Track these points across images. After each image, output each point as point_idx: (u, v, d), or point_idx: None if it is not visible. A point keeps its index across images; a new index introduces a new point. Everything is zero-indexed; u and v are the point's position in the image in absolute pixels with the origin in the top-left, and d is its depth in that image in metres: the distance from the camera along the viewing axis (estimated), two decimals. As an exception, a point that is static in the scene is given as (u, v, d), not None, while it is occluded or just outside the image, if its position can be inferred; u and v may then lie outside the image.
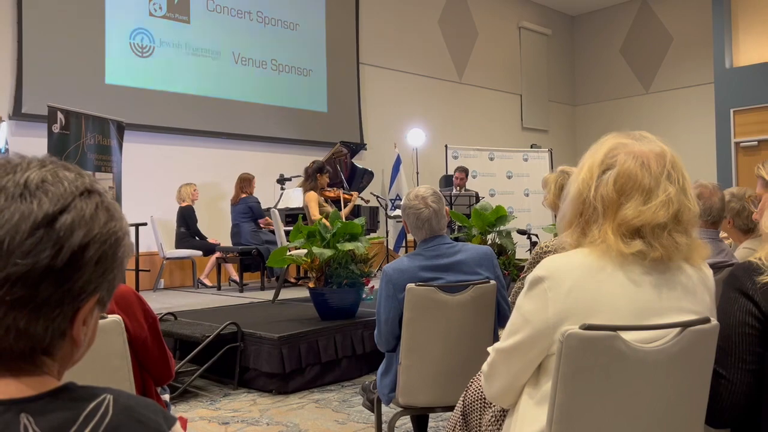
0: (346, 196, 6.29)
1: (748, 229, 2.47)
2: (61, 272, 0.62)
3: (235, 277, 6.49)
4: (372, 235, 6.53)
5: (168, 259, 6.51)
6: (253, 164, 7.38)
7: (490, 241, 4.88)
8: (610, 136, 1.19)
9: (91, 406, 0.61)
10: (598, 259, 1.11)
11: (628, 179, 1.12)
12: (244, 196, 6.49)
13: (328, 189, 6.04)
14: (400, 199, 8.57)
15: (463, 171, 7.37)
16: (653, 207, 1.09)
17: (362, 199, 6.38)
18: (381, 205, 7.64)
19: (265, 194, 7.05)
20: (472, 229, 4.89)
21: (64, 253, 0.62)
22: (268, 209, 6.52)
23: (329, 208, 5.68)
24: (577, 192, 1.16)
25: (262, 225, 6.64)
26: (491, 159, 9.05)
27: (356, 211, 6.84)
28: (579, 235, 1.16)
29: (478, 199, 6.85)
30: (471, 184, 8.03)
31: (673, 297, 1.11)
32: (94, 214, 0.65)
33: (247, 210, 6.45)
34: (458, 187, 7.24)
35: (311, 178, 5.81)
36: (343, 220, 4.05)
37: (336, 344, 3.71)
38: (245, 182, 6.54)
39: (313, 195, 5.69)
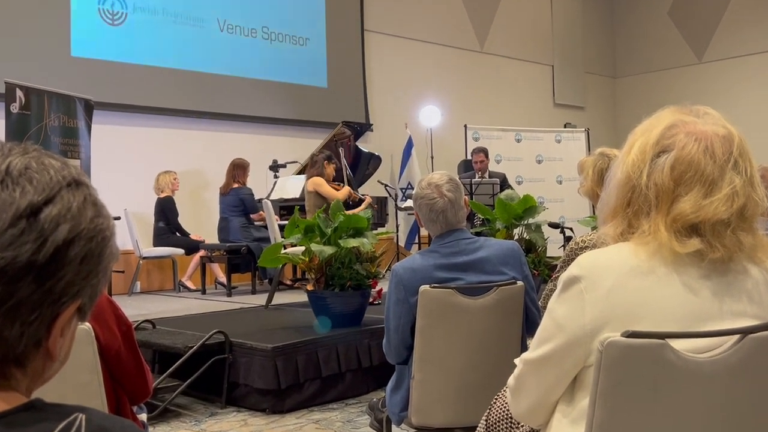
0: (354, 194, 6.29)
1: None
2: (43, 269, 0.63)
3: (223, 279, 6.53)
4: (380, 229, 6.53)
5: (145, 258, 6.55)
6: (242, 148, 7.40)
7: (517, 236, 4.87)
8: (667, 110, 1.16)
9: (61, 426, 0.61)
10: (647, 259, 1.10)
11: (688, 167, 1.10)
12: (236, 186, 6.50)
13: (334, 183, 6.06)
14: (412, 188, 8.56)
15: (482, 152, 7.34)
16: (716, 202, 1.07)
17: (372, 205, 6.38)
18: (390, 196, 7.64)
19: (256, 183, 7.07)
20: (496, 222, 4.88)
21: (48, 248, 0.63)
22: (260, 200, 6.54)
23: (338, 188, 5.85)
24: (625, 177, 1.15)
25: (255, 220, 6.67)
26: (518, 141, 9.02)
27: (360, 202, 6.85)
28: (624, 228, 1.15)
29: (504, 186, 6.82)
30: (495, 170, 8.01)
31: (735, 303, 1.09)
32: (82, 207, 0.66)
33: (238, 202, 6.47)
34: (479, 172, 7.22)
35: (318, 164, 5.87)
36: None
37: (339, 356, 3.71)
38: (239, 169, 6.55)
39: (320, 179, 5.78)
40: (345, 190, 6.03)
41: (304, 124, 8.16)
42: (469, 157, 8.08)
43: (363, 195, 6.43)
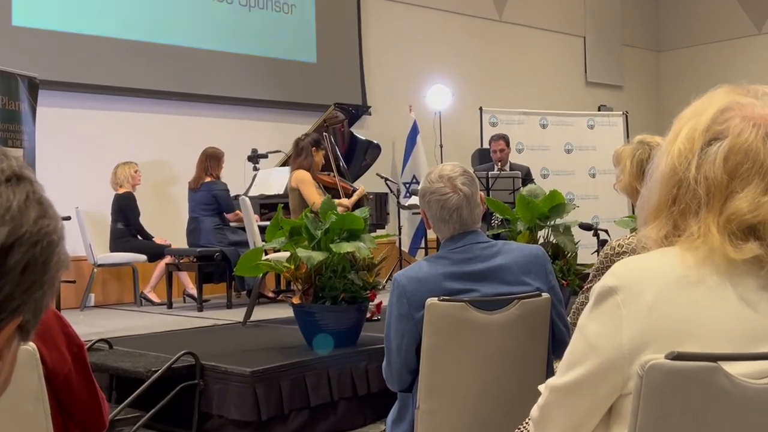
0: (346, 185, 6.28)
1: None
2: None
3: (192, 290, 6.53)
4: (379, 232, 6.53)
5: (100, 266, 6.56)
6: (216, 135, 7.41)
7: (542, 240, 4.87)
8: (720, 90, 1.16)
9: None
10: (695, 267, 1.09)
11: (744, 157, 1.09)
12: (208, 180, 6.51)
13: (323, 173, 6.01)
14: (418, 182, 8.56)
15: (502, 139, 7.34)
16: None
17: (367, 196, 6.37)
18: (391, 191, 7.65)
19: (232, 177, 7.08)
20: (518, 223, 4.88)
21: None
22: (237, 197, 6.55)
23: (321, 196, 5.64)
24: (670, 169, 1.15)
25: (231, 220, 6.67)
26: (543, 126, 9.04)
27: (360, 199, 6.85)
28: (669, 230, 1.15)
29: (528, 181, 6.83)
30: (517, 160, 8.02)
31: None
32: (23, 207, 0.65)
33: (210, 199, 6.48)
34: (498, 163, 7.23)
35: (304, 152, 5.80)
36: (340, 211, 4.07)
37: (330, 382, 3.72)
38: (212, 160, 6.56)
39: (305, 174, 5.68)
40: (335, 201, 5.74)
41: (289, 106, 8.16)
42: (485, 146, 8.09)
43: (354, 185, 6.40)
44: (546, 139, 9.00)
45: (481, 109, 8.75)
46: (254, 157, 7.41)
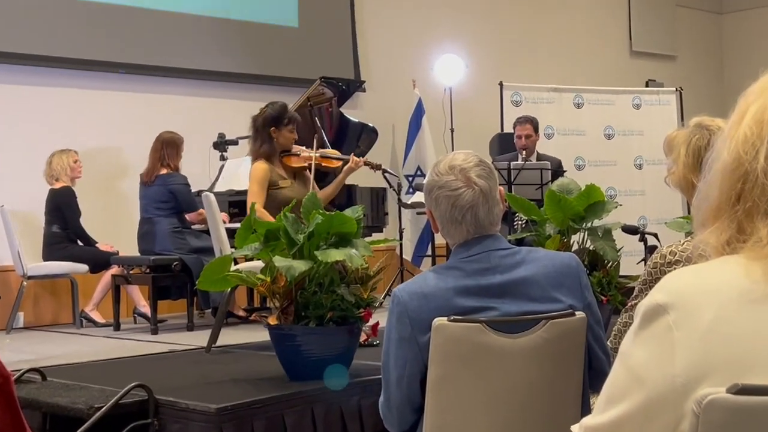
0: (330, 162, 6.16)
1: None
2: None
3: (145, 308, 6.54)
4: (376, 236, 6.52)
5: (31, 278, 6.56)
6: (174, 117, 7.41)
7: (576, 246, 4.87)
8: None
9: None
10: (764, 280, 1.10)
11: None
12: (164, 172, 6.52)
13: (292, 153, 5.80)
14: (423, 175, 8.54)
15: (529, 123, 7.33)
16: None
17: (374, 166, 6.19)
18: (390, 186, 7.64)
19: (195, 167, 7.08)
20: (546, 226, 4.88)
21: None
22: (200, 193, 6.55)
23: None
24: (734, 159, 1.14)
25: (192, 221, 6.67)
26: (578, 106, 9.05)
27: (349, 195, 6.84)
28: (732, 234, 1.15)
29: (558, 174, 6.84)
30: (547, 148, 8.02)
31: None
32: None
33: (167, 196, 6.49)
34: (523, 151, 7.22)
35: (261, 134, 5.66)
36: (330, 203, 4.05)
37: (315, 421, 3.71)
38: (169, 147, 6.57)
39: (260, 168, 5.56)
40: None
41: (264, 81, 8.16)
42: (507, 130, 8.09)
43: (342, 156, 6.16)
44: (581, 122, 9.01)
45: (501, 84, 8.76)
46: (222, 144, 7.40)
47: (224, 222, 6.17)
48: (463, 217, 2.17)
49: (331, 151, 6.35)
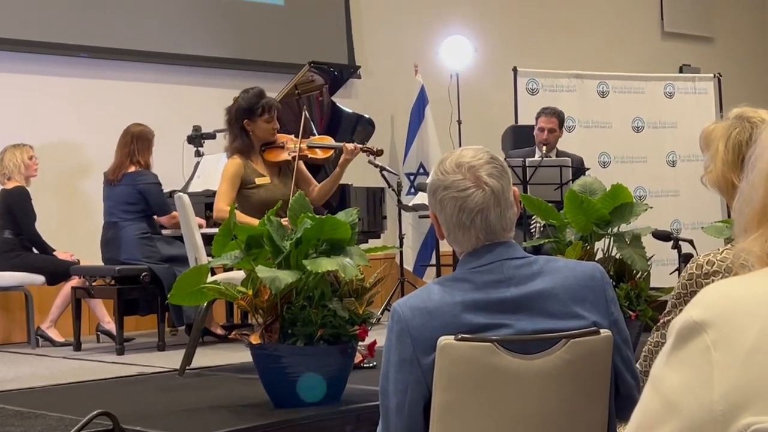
0: (318, 154, 6.05)
1: None
2: None
3: (110, 325, 6.52)
4: (372, 243, 6.52)
5: (-20, 290, 6.55)
6: (143, 108, 7.40)
7: (601, 254, 4.87)
8: None
9: None
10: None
11: None
12: (133, 170, 6.52)
13: (274, 146, 5.75)
14: (427, 173, 8.54)
15: (555, 116, 7.32)
16: None
17: (373, 152, 6.06)
18: (389, 186, 7.64)
19: (167, 164, 7.07)
20: (566, 231, 4.88)
21: None
22: (171, 194, 6.54)
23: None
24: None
25: (164, 226, 6.68)
26: (603, 94, 9.05)
27: (342, 197, 6.84)
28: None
29: (580, 173, 6.84)
30: (568, 144, 8.01)
31: None
32: None
33: (135, 197, 6.48)
34: (543, 147, 7.22)
35: (234, 128, 5.62)
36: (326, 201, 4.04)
37: (304, 454, 3.71)
38: (139, 142, 6.56)
39: (231, 164, 5.53)
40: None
41: (246, 66, 8.16)
42: (522, 122, 8.09)
43: (334, 144, 6.06)
44: (607, 112, 9.00)
45: (515, 70, 8.75)
46: (197, 138, 7.40)
47: (200, 227, 6.16)
48: (472, 221, 2.17)
49: (319, 139, 6.23)
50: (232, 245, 3.90)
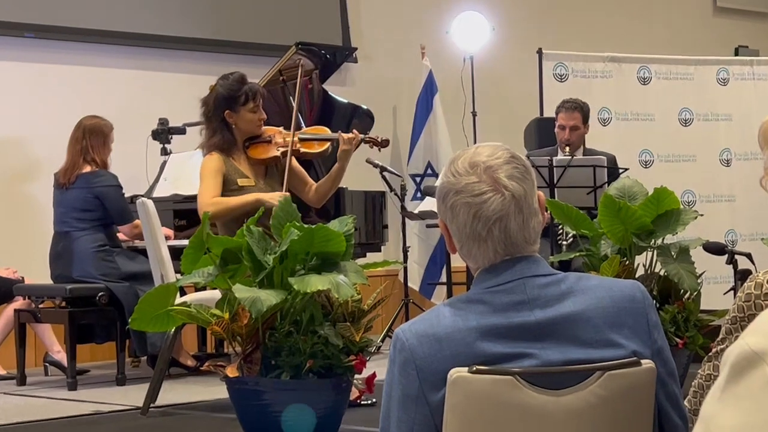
0: (308, 146, 5.93)
1: None
2: None
3: (60, 354, 6.52)
4: (372, 257, 6.51)
5: None
6: (102, 97, 7.40)
7: (642, 271, 4.86)
8: None
9: None
10: None
11: None
12: (88, 170, 6.52)
13: (260, 141, 5.69)
14: (435, 174, 8.54)
15: (577, 109, 7.30)
16: None
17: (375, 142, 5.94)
18: (391, 189, 7.65)
19: (127, 164, 7.07)
20: (601, 242, 4.88)
21: None
22: (134, 200, 6.54)
23: (249, 193, 5.47)
24: None
25: (124, 237, 6.68)
26: (644, 81, 9.04)
27: (336, 202, 6.83)
28: None
29: (614, 174, 6.84)
30: (602, 140, 8.00)
31: None
32: None
33: (91, 202, 6.49)
34: (566, 147, 7.21)
35: (213, 121, 5.58)
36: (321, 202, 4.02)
37: (290, 507, 3.70)
38: (95, 137, 6.57)
39: (211, 159, 5.48)
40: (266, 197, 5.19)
41: (222, 48, 8.17)
42: (549, 114, 8.07)
43: (329, 135, 5.97)
44: (648, 102, 9.00)
45: (540, 52, 8.76)
46: (164, 133, 7.39)
47: (167, 238, 6.17)
48: (489, 232, 2.16)
49: (312, 130, 6.11)
50: (205, 260, 3.90)
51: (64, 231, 6.54)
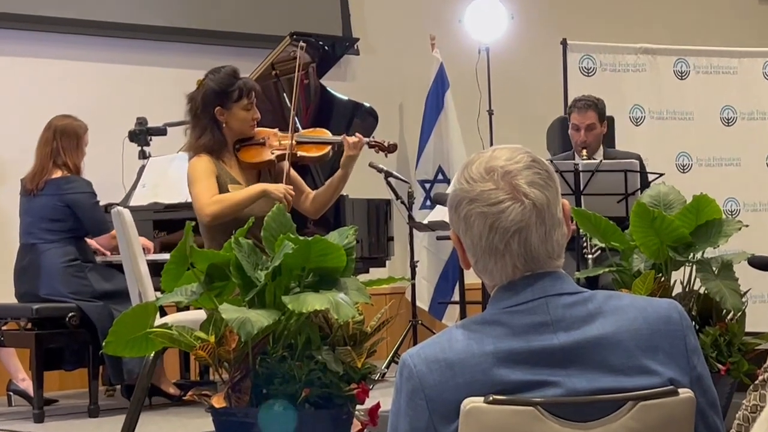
0: (306, 149, 5.89)
1: None
2: None
3: (25, 382, 6.51)
4: (375, 272, 6.50)
5: None
6: (73, 94, 7.41)
7: (679, 288, 4.86)
8: None
9: None
10: None
11: None
12: (58, 175, 6.54)
13: (253, 143, 5.67)
14: (447, 180, 8.55)
15: (591, 107, 7.27)
16: None
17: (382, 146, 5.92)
18: (397, 197, 7.65)
19: (102, 169, 7.08)
20: (633, 257, 4.88)
21: None
22: (109, 209, 6.54)
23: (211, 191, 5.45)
24: None
25: (101, 249, 6.70)
26: (682, 75, 9.04)
27: (336, 212, 6.83)
28: None
29: (645, 181, 6.84)
30: (630, 141, 7.99)
31: None
32: None
33: (61, 211, 6.51)
34: (582, 150, 7.18)
35: (201, 119, 5.55)
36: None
37: None
38: (66, 139, 6.58)
39: (200, 161, 5.45)
40: (261, 189, 5.27)
41: (207, 38, 8.19)
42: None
43: (330, 138, 5.94)
44: (687, 99, 9.00)
45: (565, 43, 8.76)
46: (142, 133, 7.39)
47: (146, 251, 6.17)
48: (507, 245, 2.16)
49: (310, 132, 6.07)
50: (188, 276, 3.90)
51: (30, 243, 6.55)
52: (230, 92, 5.40)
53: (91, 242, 6.67)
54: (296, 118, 6.50)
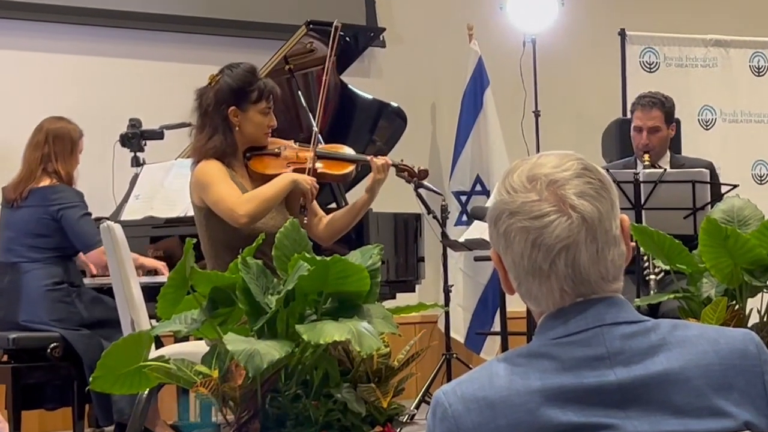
0: (330, 165, 5.84)
1: None
2: None
3: (1, 424, 6.53)
4: (403, 298, 6.51)
5: None
6: (58, 92, 7.44)
7: (756, 317, 4.85)
8: None
9: None
10: None
11: None
12: (46, 183, 6.59)
13: (266, 153, 5.65)
14: (486, 192, 8.56)
15: (657, 106, 7.24)
16: None
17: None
18: (429, 210, 7.64)
19: (90, 177, 7.10)
20: (703, 281, 4.87)
21: None
22: (100, 223, 6.55)
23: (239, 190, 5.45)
24: None
25: (93, 269, 6.74)
26: (758, 71, 9.04)
27: (358, 228, 6.84)
28: None
29: (716, 194, 6.83)
30: (700, 147, 7.97)
31: None
32: None
33: (48, 226, 6.55)
34: (644, 155, 7.15)
35: (212, 120, 5.52)
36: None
37: None
38: (60, 142, 6.64)
39: (211, 165, 5.41)
40: (292, 178, 5.32)
41: (213, 29, 8.23)
42: (629, 115, 8.08)
43: (356, 156, 5.89)
44: (764, 100, 9.00)
45: (623, 34, 8.78)
46: (136, 137, 7.42)
47: (140, 272, 6.18)
48: (553, 264, 2.15)
49: (331, 147, 6.07)
50: (189, 301, 3.91)
51: (11, 262, 6.58)
52: (249, 92, 5.38)
53: (83, 259, 6.67)
54: (312, 119, 6.48)
